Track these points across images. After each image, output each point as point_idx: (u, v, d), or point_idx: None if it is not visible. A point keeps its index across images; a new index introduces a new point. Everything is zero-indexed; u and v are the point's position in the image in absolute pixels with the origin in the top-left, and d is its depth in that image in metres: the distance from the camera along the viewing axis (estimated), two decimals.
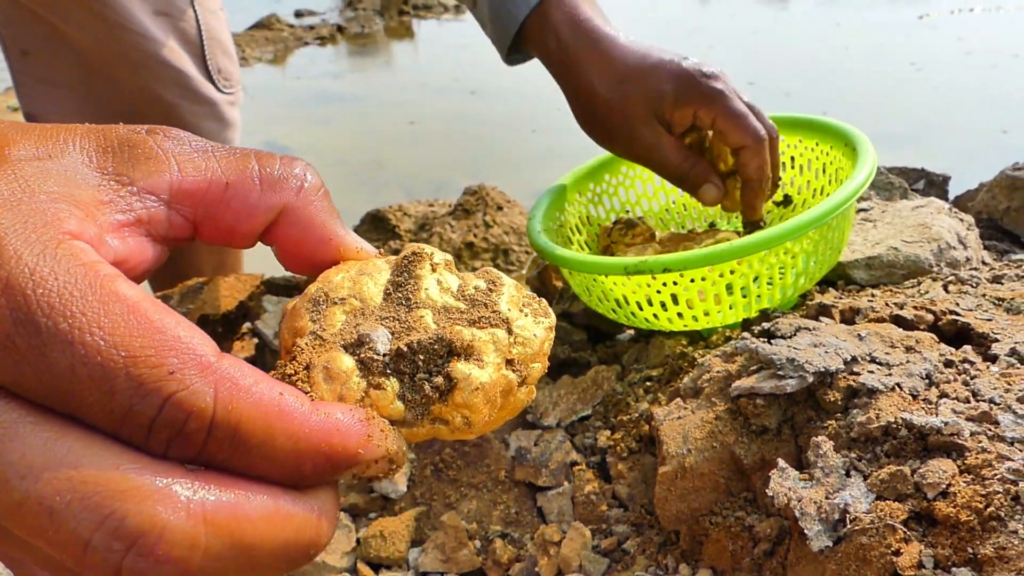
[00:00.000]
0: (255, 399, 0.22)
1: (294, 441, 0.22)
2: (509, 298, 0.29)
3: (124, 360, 0.20)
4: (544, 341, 0.28)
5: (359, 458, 0.24)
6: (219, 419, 0.21)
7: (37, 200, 0.22)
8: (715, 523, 0.63)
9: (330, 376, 0.25)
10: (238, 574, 0.21)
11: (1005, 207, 1.09)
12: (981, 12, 3.53)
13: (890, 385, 0.58)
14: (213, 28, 0.96)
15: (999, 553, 0.46)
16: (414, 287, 0.28)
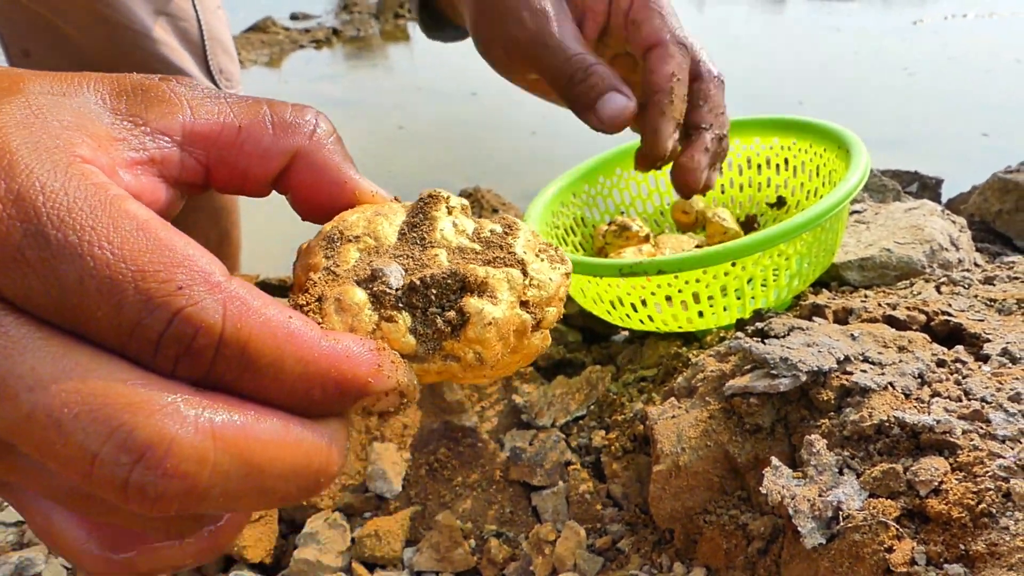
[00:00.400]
0: (264, 320, 0.21)
1: (303, 365, 0.22)
2: (525, 242, 0.28)
3: (133, 274, 0.20)
4: (560, 286, 0.28)
5: (369, 388, 0.23)
6: (228, 336, 0.21)
7: (51, 125, 0.22)
8: (709, 522, 0.63)
9: (342, 308, 0.25)
10: (247, 496, 0.21)
11: (997, 210, 1.10)
12: (974, 18, 3.55)
13: (883, 384, 0.59)
14: (214, 27, 0.96)
15: (991, 549, 0.46)
16: (429, 227, 0.28)
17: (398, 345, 0.25)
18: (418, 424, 0.83)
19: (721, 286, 0.77)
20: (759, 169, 1.02)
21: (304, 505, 0.79)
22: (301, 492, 0.23)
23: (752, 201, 1.04)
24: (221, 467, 0.20)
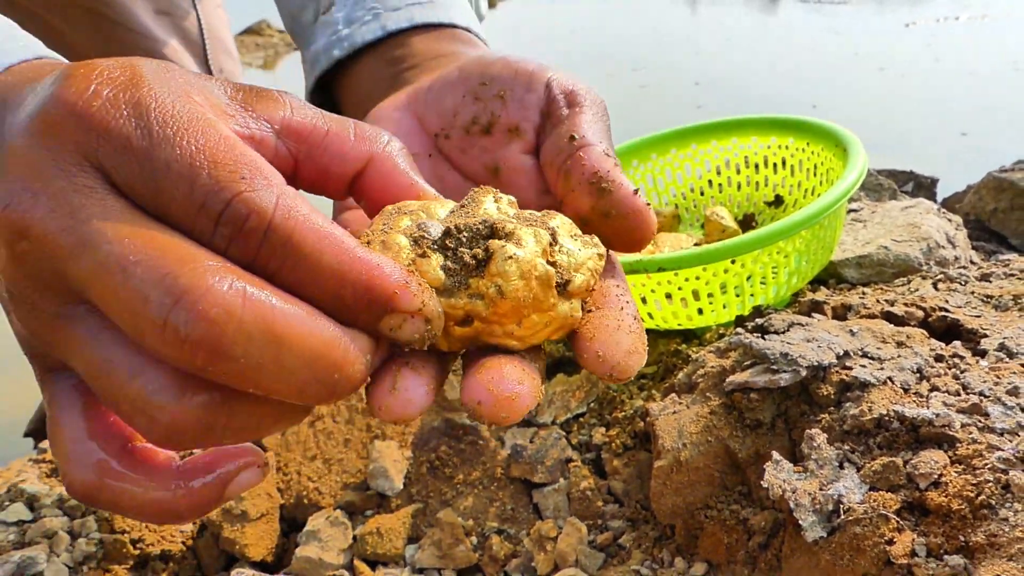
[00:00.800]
0: (311, 218, 0.25)
1: (339, 263, 0.25)
2: (561, 223, 0.31)
3: (208, 164, 0.24)
4: (589, 258, 0.30)
5: (397, 300, 0.25)
6: (276, 222, 0.24)
7: (179, 79, 0.27)
8: (710, 516, 0.64)
9: (385, 246, 0.28)
10: (266, 368, 0.23)
11: (992, 208, 1.11)
12: (967, 20, 3.57)
13: (882, 379, 0.59)
14: (215, 27, 0.96)
15: (990, 540, 0.47)
16: (474, 205, 0.31)
17: (429, 278, 0.27)
18: (419, 422, 0.83)
19: (720, 283, 0.77)
20: (757, 168, 1.03)
21: (305, 503, 0.79)
22: (318, 384, 0.24)
23: (750, 200, 1.04)
24: (246, 326, 0.23)
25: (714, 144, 1.06)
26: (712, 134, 1.05)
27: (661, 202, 1.09)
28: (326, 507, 0.79)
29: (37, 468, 0.85)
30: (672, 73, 2.94)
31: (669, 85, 2.78)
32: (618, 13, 4.41)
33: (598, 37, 3.83)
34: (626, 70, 2.99)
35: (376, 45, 0.53)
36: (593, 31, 3.98)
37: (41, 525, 0.73)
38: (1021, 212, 1.08)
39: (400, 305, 0.25)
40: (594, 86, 0.40)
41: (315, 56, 0.56)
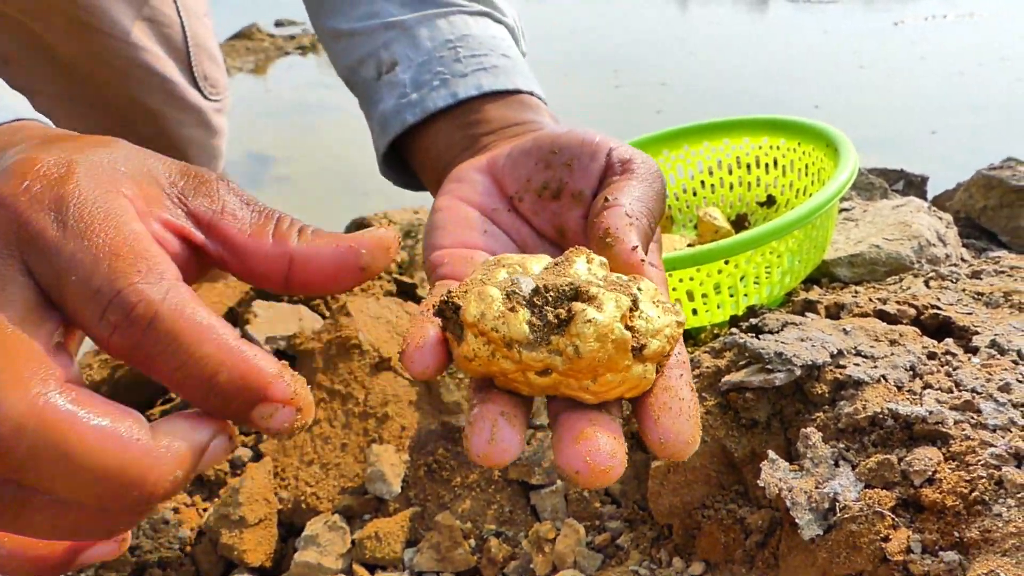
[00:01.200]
0: (196, 311, 0.27)
1: (217, 353, 0.26)
2: (646, 288, 0.32)
3: (110, 256, 0.26)
4: (667, 325, 0.31)
5: (270, 390, 0.27)
6: (162, 312, 0.26)
7: (116, 171, 0.30)
8: (707, 516, 0.64)
9: (480, 297, 0.30)
10: (58, 478, 0.24)
11: (982, 206, 1.12)
12: (954, 18, 3.59)
13: (876, 377, 0.60)
14: (199, 34, 0.96)
15: (984, 536, 0.47)
16: (567, 264, 0.33)
17: (514, 331, 0.29)
18: (416, 425, 0.83)
19: (715, 284, 0.78)
20: (748, 168, 1.04)
21: (304, 508, 0.79)
22: (115, 498, 0.25)
23: (742, 200, 1.05)
24: (36, 444, 0.23)
25: (706, 145, 1.06)
26: (704, 135, 1.06)
27: None
28: (324, 512, 0.79)
29: None
30: (661, 73, 2.95)
31: (657, 85, 2.79)
32: (606, 16, 4.42)
33: (587, 38, 3.83)
34: (621, 71, 3.00)
35: (447, 111, 0.55)
36: (583, 32, 3.99)
37: None
38: (1010, 209, 1.09)
39: (273, 395, 0.27)
40: (574, 89, 0.42)
41: (384, 117, 0.58)
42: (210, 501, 0.84)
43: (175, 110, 0.96)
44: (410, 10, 0.59)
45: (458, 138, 0.54)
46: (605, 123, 2.39)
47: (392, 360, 0.88)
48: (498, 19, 0.61)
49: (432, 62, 0.56)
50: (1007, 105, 2.25)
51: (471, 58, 0.56)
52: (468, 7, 0.60)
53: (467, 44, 0.57)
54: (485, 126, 0.53)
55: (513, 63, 0.57)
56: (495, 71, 0.55)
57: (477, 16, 0.59)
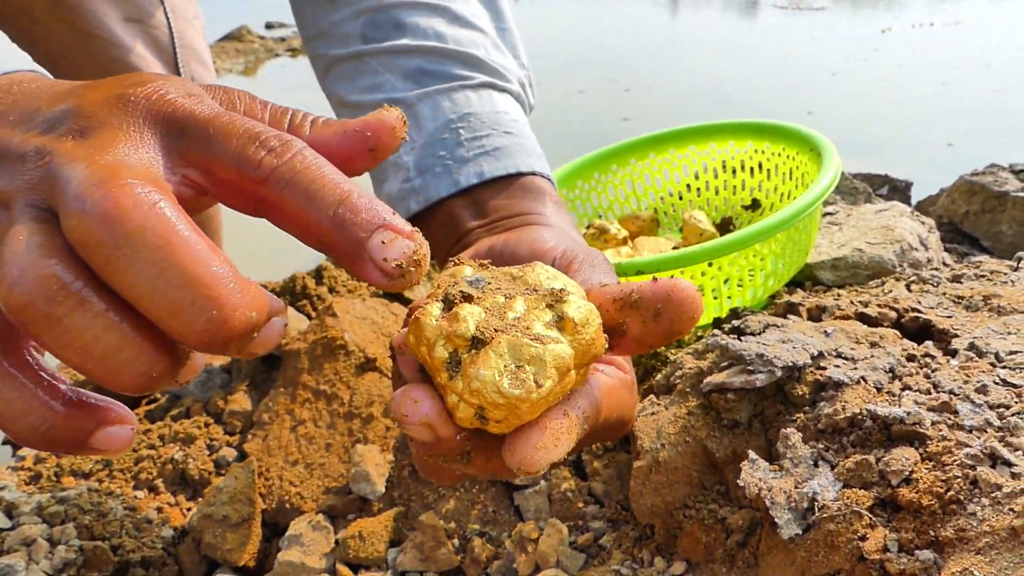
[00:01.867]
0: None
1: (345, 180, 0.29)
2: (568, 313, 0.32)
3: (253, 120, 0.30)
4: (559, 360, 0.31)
5: (393, 218, 0.28)
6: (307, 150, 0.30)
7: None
8: (689, 516, 0.64)
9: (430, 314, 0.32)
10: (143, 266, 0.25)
11: (964, 211, 1.13)
12: (941, 26, 3.63)
13: (855, 378, 0.60)
14: (187, 36, 0.96)
15: (959, 535, 0.48)
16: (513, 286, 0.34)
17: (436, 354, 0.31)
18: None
19: (699, 286, 0.78)
20: (734, 172, 1.04)
21: (288, 508, 0.79)
22: (192, 311, 0.25)
23: (727, 203, 1.06)
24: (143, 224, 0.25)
25: (692, 149, 1.07)
26: (690, 139, 1.07)
27: (641, 206, 1.11)
28: (308, 511, 0.79)
29: (16, 476, 0.85)
30: (651, 79, 2.96)
31: (646, 90, 2.80)
32: (597, 21, 4.43)
33: (577, 42, 3.85)
34: (612, 77, 3.01)
35: (447, 198, 0.55)
36: (573, 37, 4.00)
37: (20, 532, 0.73)
38: (992, 215, 1.10)
39: (395, 223, 0.29)
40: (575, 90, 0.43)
41: (390, 199, 0.58)
42: (194, 500, 0.84)
43: None
44: (413, 85, 0.59)
45: (454, 229, 0.55)
46: (590, 126, 2.39)
47: (377, 360, 0.88)
48: (502, 88, 0.60)
49: (435, 144, 0.57)
50: (991, 112, 2.27)
51: (473, 140, 0.56)
52: (471, 80, 0.59)
53: (469, 124, 0.57)
54: (482, 218, 0.54)
55: (517, 140, 0.57)
56: (497, 153, 0.55)
57: (480, 89, 0.59)
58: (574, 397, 0.33)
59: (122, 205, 0.25)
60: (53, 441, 0.28)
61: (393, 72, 0.60)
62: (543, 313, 0.31)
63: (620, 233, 0.98)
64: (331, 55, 0.63)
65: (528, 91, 0.66)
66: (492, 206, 0.54)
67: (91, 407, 0.29)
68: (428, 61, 0.59)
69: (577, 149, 1.14)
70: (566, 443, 0.31)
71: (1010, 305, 0.72)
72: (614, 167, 1.09)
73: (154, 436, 0.90)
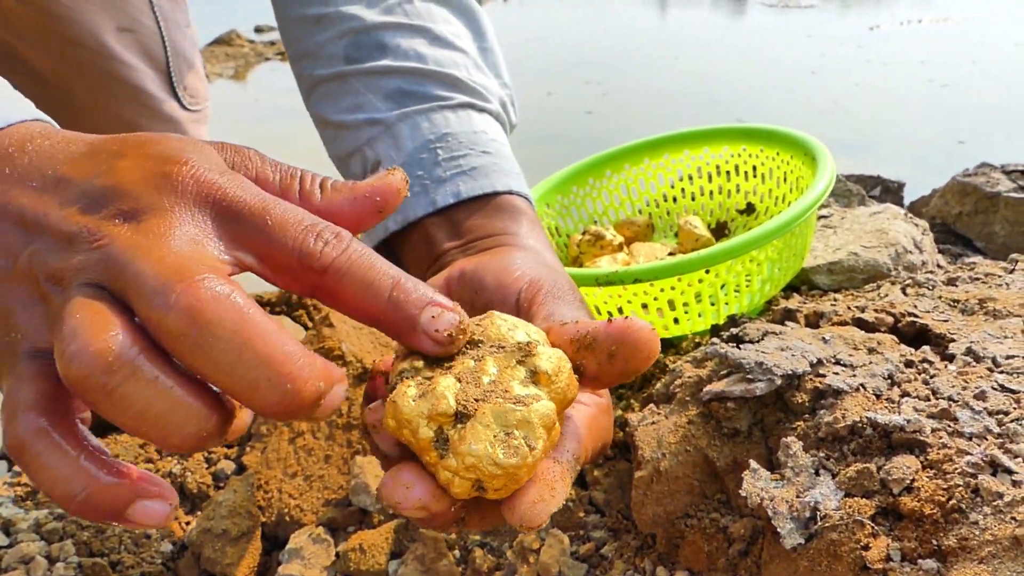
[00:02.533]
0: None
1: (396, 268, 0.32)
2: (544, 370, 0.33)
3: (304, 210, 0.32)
4: (546, 414, 0.32)
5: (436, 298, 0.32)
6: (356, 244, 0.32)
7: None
8: (690, 525, 0.64)
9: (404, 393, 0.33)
10: (222, 352, 0.27)
11: (957, 212, 1.13)
12: (929, 24, 3.64)
13: (854, 386, 0.61)
14: (179, 45, 0.96)
15: (962, 544, 0.48)
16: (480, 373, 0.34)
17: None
18: None
19: (696, 293, 0.78)
20: (728, 176, 1.05)
21: (287, 521, 0.79)
22: (269, 386, 0.28)
23: (722, 208, 1.06)
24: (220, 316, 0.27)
25: (686, 153, 1.07)
26: (684, 144, 1.07)
27: (635, 211, 1.11)
28: (308, 524, 0.78)
29: (12, 491, 0.84)
30: (637, 79, 2.96)
31: (633, 92, 2.80)
32: (587, 22, 4.44)
33: (565, 42, 3.85)
34: (598, 78, 3.01)
35: (424, 217, 0.57)
36: (561, 36, 4.01)
37: (18, 550, 0.72)
38: (985, 215, 1.11)
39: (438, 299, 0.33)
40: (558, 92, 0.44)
41: None
42: (192, 515, 0.84)
43: (150, 120, 0.96)
44: (393, 105, 0.60)
45: (431, 248, 0.56)
46: (583, 130, 2.40)
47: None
48: (481, 108, 0.61)
49: (414, 164, 0.58)
50: (982, 110, 2.28)
51: (450, 161, 0.57)
52: (450, 100, 0.60)
53: (447, 145, 0.58)
54: (457, 239, 0.55)
55: (494, 160, 0.58)
56: (474, 173, 0.57)
57: (459, 109, 0.60)
58: (561, 442, 0.34)
59: (202, 300, 0.27)
60: (91, 509, 0.29)
61: (374, 92, 0.61)
62: (516, 371, 0.33)
63: (616, 239, 0.98)
64: (315, 75, 0.64)
65: (510, 109, 0.67)
66: (467, 226, 0.55)
67: (131, 480, 0.30)
68: (408, 82, 0.60)
69: (569, 158, 1.14)
70: (562, 491, 0.32)
71: (1005, 308, 0.73)
72: (608, 172, 1.09)
73: (151, 450, 0.89)
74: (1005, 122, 2.15)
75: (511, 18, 4.61)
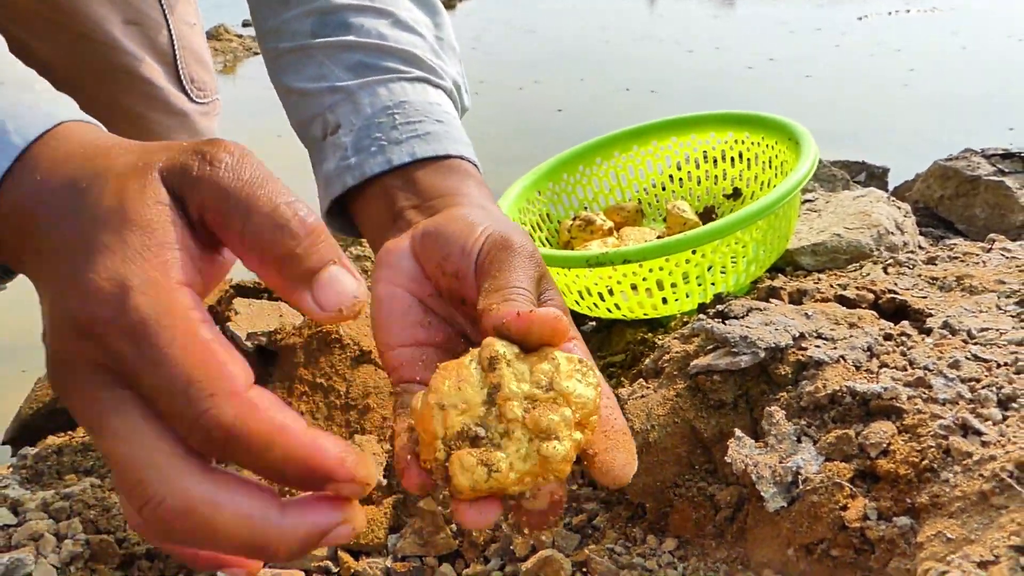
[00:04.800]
0: (264, 422, 0.31)
1: (284, 453, 0.31)
2: (565, 370, 0.37)
3: (186, 382, 0.31)
4: (596, 397, 0.37)
5: (334, 475, 0.31)
6: (235, 433, 0.30)
7: (164, 261, 0.33)
8: (679, 494, 0.67)
9: (463, 468, 0.37)
10: (198, 543, 0.31)
11: (939, 195, 1.16)
12: (916, 13, 3.68)
13: (835, 357, 0.63)
14: (187, 38, 0.97)
15: (933, 501, 0.51)
16: (499, 387, 0.37)
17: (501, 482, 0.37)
18: None
19: (683, 273, 0.81)
20: (715, 162, 1.07)
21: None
22: (248, 554, 0.32)
23: (709, 193, 1.08)
24: (189, 525, 0.30)
25: (674, 140, 1.09)
26: (672, 131, 1.09)
27: (625, 197, 1.13)
28: None
29: (18, 474, 0.86)
30: (629, 70, 2.99)
31: (625, 82, 2.82)
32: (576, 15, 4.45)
33: (556, 35, 3.86)
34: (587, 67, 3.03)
35: (382, 175, 0.59)
36: (551, 29, 4.02)
37: (27, 528, 0.74)
38: (966, 199, 1.13)
39: (337, 477, 0.32)
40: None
41: (328, 177, 0.63)
42: None
43: (159, 113, 0.97)
44: (354, 76, 0.64)
45: (387, 206, 0.58)
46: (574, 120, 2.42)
47: (372, 353, 0.90)
48: (436, 84, 0.65)
49: (371, 128, 0.61)
50: (966, 97, 2.31)
51: (406, 125, 0.60)
52: (408, 73, 0.64)
53: (404, 111, 0.61)
54: (413, 197, 0.57)
55: (447, 128, 0.61)
56: (427, 138, 0.60)
57: (415, 82, 0.64)
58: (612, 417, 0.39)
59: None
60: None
61: (337, 64, 0.65)
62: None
63: (605, 224, 1.00)
64: (280, 47, 0.68)
65: (463, 93, 0.71)
66: (423, 185, 0.58)
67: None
68: (370, 56, 0.64)
69: (560, 144, 1.16)
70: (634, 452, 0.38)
71: (981, 285, 0.75)
72: (598, 160, 1.11)
73: None
74: (988, 109, 2.18)
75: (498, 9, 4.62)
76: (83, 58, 0.92)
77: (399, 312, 0.47)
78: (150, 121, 0.97)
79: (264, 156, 0.41)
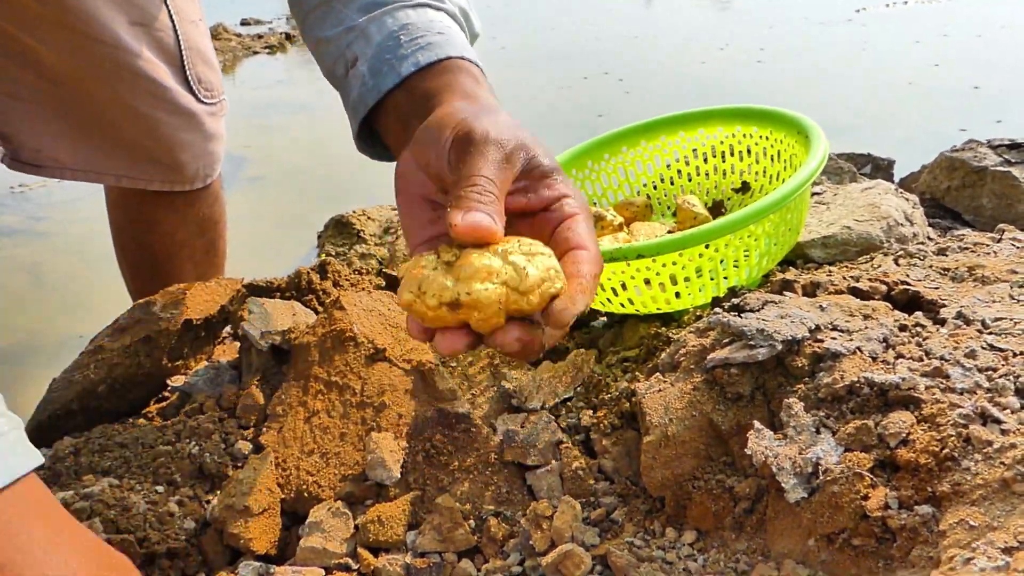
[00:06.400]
0: None
1: None
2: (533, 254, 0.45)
3: None
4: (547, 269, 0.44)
5: None
6: None
7: None
8: (697, 487, 0.67)
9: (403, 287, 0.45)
10: None
11: (946, 187, 1.16)
12: (915, 4, 3.68)
13: (851, 349, 0.64)
14: (192, 38, 0.97)
15: (955, 489, 0.51)
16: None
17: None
18: (412, 413, 0.86)
19: (696, 268, 0.81)
20: (723, 157, 1.07)
21: (306, 497, 0.81)
22: None
23: (718, 187, 1.09)
24: None
25: (682, 135, 1.10)
26: (679, 125, 1.09)
27: (633, 192, 1.13)
28: (326, 499, 0.81)
29: (39, 474, 0.87)
30: (629, 66, 2.99)
31: (623, 82, 2.82)
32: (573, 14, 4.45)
33: (553, 34, 3.87)
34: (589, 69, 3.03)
35: (394, 92, 0.65)
36: (547, 28, 4.02)
37: None
38: (972, 189, 1.14)
39: None
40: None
41: (355, 104, 0.70)
42: (212, 493, 0.86)
43: (166, 114, 0.98)
44: (365, 14, 0.71)
45: (401, 120, 0.65)
46: (572, 119, 2.42)
47: (387, 351, 0.90)
48: (437, 7, 0.71)
49: (382, 52, 0.68)
50: (969, 88, 2.32)
51: (411, 42, 0.67)
52: (411, 2, 0.71)
53: (408, 31, 0.68)
54: (415, 106, 0.63)
55: (447, 38, 0.67)
56: (429, 47, 0.66)
57: (417, 8, 0.70)
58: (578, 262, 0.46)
59: None
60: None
61: (351, 8, 0.72)
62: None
63: (616, 219, 1.01)
64: (306, 7, 0.75)
65: (471, 20, 0.77)
66: (421, 92, 0.64)
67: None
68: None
69: (568, 141, 1.16)
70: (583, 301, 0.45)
71: (993, 275, 0.76)
72: (607, 155, 1.11)
73: (169, 432, 0.92)
74: (991, 100, 2.18)
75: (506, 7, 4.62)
76: (90, 60, 0.93)
77: (414, 216, 0.55)
78: (158, 121, 0.97)
79: (264, 155, 0.42)
